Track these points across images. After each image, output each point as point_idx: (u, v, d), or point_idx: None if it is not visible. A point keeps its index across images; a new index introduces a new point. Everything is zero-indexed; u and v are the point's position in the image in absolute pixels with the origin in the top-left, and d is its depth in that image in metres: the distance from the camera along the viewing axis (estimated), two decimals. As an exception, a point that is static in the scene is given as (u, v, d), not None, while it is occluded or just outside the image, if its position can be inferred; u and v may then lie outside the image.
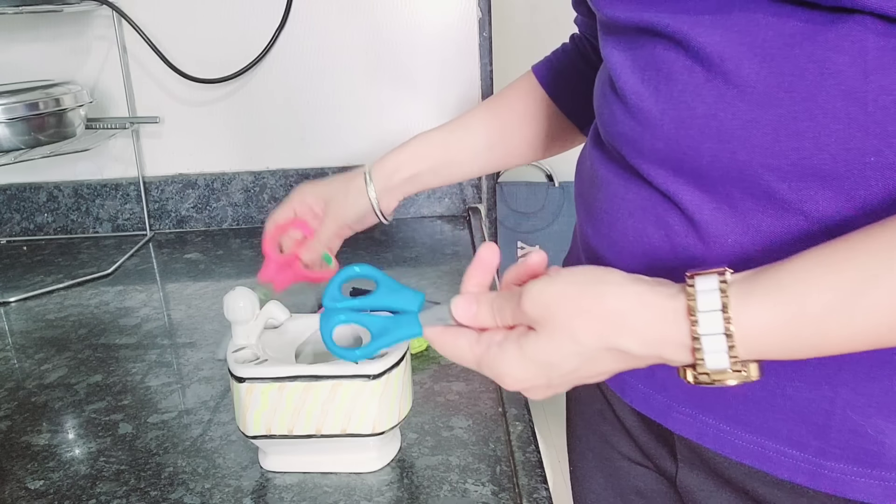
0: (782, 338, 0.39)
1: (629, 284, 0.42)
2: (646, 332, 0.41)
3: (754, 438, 0.49)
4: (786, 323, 0.38)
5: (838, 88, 0.40)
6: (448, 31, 1.16)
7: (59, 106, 1.03)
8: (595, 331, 0.41)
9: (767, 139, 0.43)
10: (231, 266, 1.06)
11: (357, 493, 0.57)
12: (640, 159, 0.50)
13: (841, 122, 0.41)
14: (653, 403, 0.54)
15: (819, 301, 0.37)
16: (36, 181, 1.22)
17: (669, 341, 0.40)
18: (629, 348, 0.41)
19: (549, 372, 0.44)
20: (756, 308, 0.39)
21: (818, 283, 0.38)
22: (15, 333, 0.89)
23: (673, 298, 0.40)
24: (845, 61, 0.40)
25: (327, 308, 0.51)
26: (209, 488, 0.58)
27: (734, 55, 0.43)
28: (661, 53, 0.47)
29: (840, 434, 0.45)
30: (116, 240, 1.21)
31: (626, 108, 0.50)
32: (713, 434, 0.51)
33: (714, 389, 0.49)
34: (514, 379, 0.45)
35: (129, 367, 0.79)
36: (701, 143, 0.45)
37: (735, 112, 0.44)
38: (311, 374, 0.55)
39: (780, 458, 0.48)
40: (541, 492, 0.56)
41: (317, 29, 1.16)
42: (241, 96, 1.19)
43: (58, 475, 0.61)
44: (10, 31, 1.15)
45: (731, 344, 0.39)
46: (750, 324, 0.39)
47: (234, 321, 0.59)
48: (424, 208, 1.23)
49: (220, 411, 0.69)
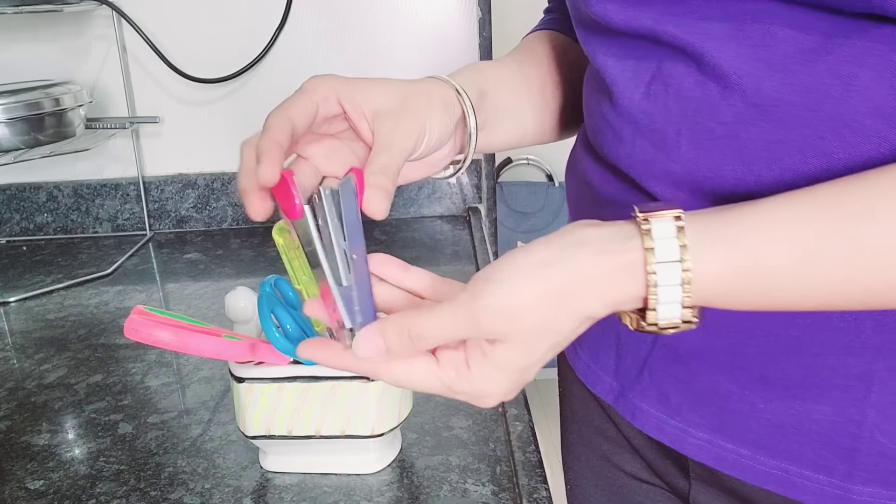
0: (734, 289, 0.38)
1: (586, 246, 0.39)
2: (610, 292, 0.39)
3: (777, 464, 0.47)
4: (739, 275, 0.37)
5: (866, 105, 0.38)
6: (448, 31, 1.16)
7: (58, 106, 1.03)
8: (569, 313, 0.39)
9: (795, 160, 0.41)
10: (231, 266, 1.06)
11: (357, 492, 0.57)
12: (652, 181, 0.47)
13: (871, 141, 0.39)
14: (666, 430, 0.52)
15: (774, 258, 0.37)
16: (36, 181, 1.22)
17: (630, 294, 0.39)
18: (598, 312, 0.40)
19: (530, 371, 0.41)
20: (712, 258, 0.37)
21: (779, 241, 0.37)
22: (15, 333, 0.89)
23: (629, 251, 0.38)
24: (871, 76, 0.38)
25: (264, 293, 0.53)
26: (209, 488, 0.58)
27: (752, 71, 0.40)
28: (668, 67, 0.44)
29: (868, 457, 0.44)
30: (116, 240, 1.21)
31: (635, 128, 0.47)
32: (732, 459, 0.49)
33: (736, 415, 0.48)
34: (496, 397, 0.41)
35: (128, 367, 0.79)
36: (723, 166, 0.43)
37: (758, 132, 0.41)
38: (310, 374, 0.55)
39: (805, 483, 0.46)
40: (541, 492, 0.56)
41: (316, 29, 1.16)
42: (241, 96, 1.19)
43: (57, 475, 0.61)
44: (10, 30, 1.15)
45: (686, 294, 0.38)
46: (706, 272, 0.38)
47: (234, 321, 0.59)
48: (424, 208, 1.23)
49: (220, 411, 0.69)
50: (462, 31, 1.16)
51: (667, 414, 0.51)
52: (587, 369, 0.59)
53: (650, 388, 0.52)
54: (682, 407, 0.51)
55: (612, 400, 0.56)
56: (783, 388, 0.46)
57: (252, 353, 0.55)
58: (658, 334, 0.40)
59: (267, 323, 0.53)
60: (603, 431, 0.63)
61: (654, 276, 0.37)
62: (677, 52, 0.43)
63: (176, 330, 0.51)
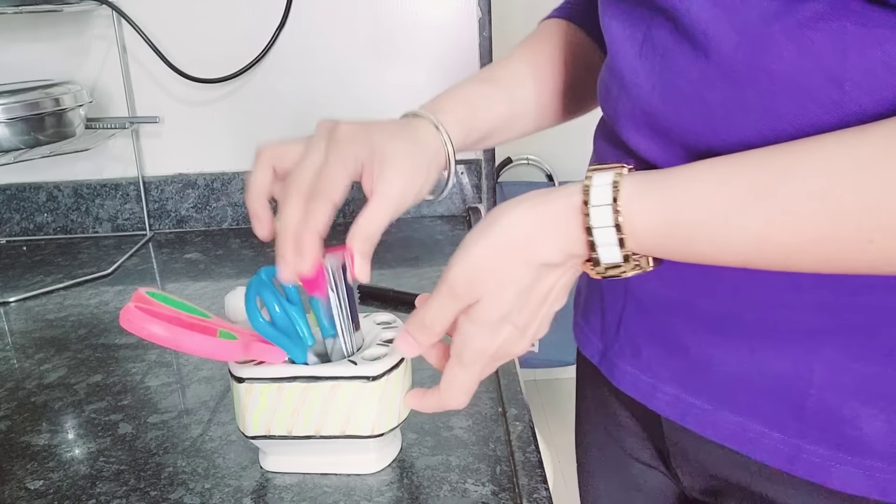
0: (663, 238, 0.41)
1: (521, 202, 0.44)
2: (554, 238, 0.43)
3: (736, 419, 0.49)
4: (665, 224, 0.41)
5: (818, 69, 0.40)
6: (448, 31, 1.16)
7: (58, 106, 1.03)
8: (516, 262, 0.44)
9: (753, 122, 0.43)
10: (231, 266, 1.06)
11: (357, 493, 0.57)
12: (632, 133, 0.51)
13: (821, 104, 0.40)
14: (640, 385, 0.55)
15: (697, 212, 0.40)
16: (35, 181, 1.22)
17: (573, 238, 0.43)
18: (550, 258, 0.44)
19: (508, 318, 0.45)
20: (642, 205, 0.41)
21: (701, 195, 0.40)
22: (15, 333, 0.89)
23: (570, 196, 0.43)
24: (823, 40, 0.39)
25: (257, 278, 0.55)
26: (209, 488, 0.58)
27: (719, 32, 0.42)
28: (655, 29, 0.47)
29: (817, 416, 0.45)
30: (116, 240, 1.21)
31: (621, 84, 0.51)
32: (696, 414, 0.51)
33: (698, 368, 0.50)
34: (483, 343, 0.46)
35: (128, 367, 0.79)
36: (693, 123, 0.45)
37: (720, 93, 0.43)
38: (310, 374, 0.55)
39: (760, 439, 0.47)
40: (541, 492, 0.56)
41: (317, 29, 1.16)
42: (241, 96, 1.19)
43: (57, 475, 0.61)
44: (10, 30, 1.15)
45: (621, 237, 0.41)
46: (636, 219, 0.41)
47: (234, 321, 0.59)
48: (424, 208, 1.23)
49: (220, 411, 0.69)
50: (462, 30, 1.16)
51: (639, 370, 0.55)
52: (581, 332, 0.63)
53: (626, 344, 0.56)
54: (652, 361, 0.54)
55: (598, 360, 0.60)
56: (739, 339, 0.47)
57: (246, 352, 0.55)
58: (614, 278, 0.44)
59: (251, 306, 0.53)
60: (606, 406, 0.66)
61: (588, 218, 0.42)
62: (664, 15, 0.46)
63: (169, 326, 0.51)
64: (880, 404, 0.43)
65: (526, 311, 0.46)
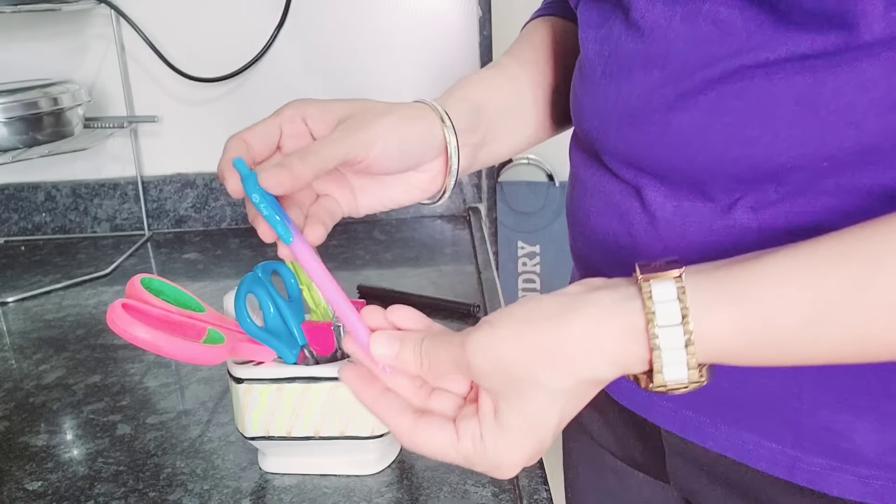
0: (741, 347, 0.37)
1: (583, 309, 0.38)
2: (613, 355, 0.38)
3: (734, 431, 0.49)
4: (745, 334, 0.36)
5: (789, 93, 0.39)
6: (448, 30, 1.16)
7: (56, 105, 1.03)
8: (562, 371, 0.38)
9: (720, 147, 0.42)
10: (230, 266, 1.06)
11: (356, 494, 0.57)
12: (582, 118, 0.50)
13: (795, 127, 0.40)
14: (636, 398, 0.54)
15: (784, 317, 0.36)
16: (34, 181, 1.21)
17: (636, 358, 0.38)
18: (600, 375, 0.39)
19: (538, 433, 0.40)
20: (716, 319, 0.36)
21: (785, 299, 0.35)
22: (13, 334, 0.88)
23: (631, 313, 0.37)
24: (794, 66, 0.39)
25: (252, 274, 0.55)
26: (208, 489, 0.58)
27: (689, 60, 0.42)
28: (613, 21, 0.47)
29: (812, 431, 0.45)
30: (114, 239, 1.21)
31: (580, 71, 0.51)
32: (695, 427, 0.51)
33: None
34: (510, 467, 0.41)
35: (127, 367, 0.78)
36: (658, 149, 0.45)
37: (689, 119, 0.43)
38: (309, 375, 0.55)
39: (759, 450, 0.48)
40: (541, 493, 0.56)
41: (316, 28, 1.15)
42: (240, 95, 1.19)
43: (56, 476, 0.61)
44: (8, 29, 1.15)
45: (691, 355, 0.37)
46: (710, 333, 0.37)
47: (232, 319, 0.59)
48: (424, 208, 1.23)
49: (219, 412, 0.69)
50: (462, 30, 1.16)
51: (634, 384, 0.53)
52: None
53: None
54: None
55: None
56: None
57: (231, 354, 0.55)
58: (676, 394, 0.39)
59: (240, 306, 0.53)
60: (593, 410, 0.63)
61: (657, 340, 0.37)
62: (622, 9, 0.47)
63: (151, 329, 0.51)
64: (870, 417, 0.43)
65: (556, 429, 0.41)
